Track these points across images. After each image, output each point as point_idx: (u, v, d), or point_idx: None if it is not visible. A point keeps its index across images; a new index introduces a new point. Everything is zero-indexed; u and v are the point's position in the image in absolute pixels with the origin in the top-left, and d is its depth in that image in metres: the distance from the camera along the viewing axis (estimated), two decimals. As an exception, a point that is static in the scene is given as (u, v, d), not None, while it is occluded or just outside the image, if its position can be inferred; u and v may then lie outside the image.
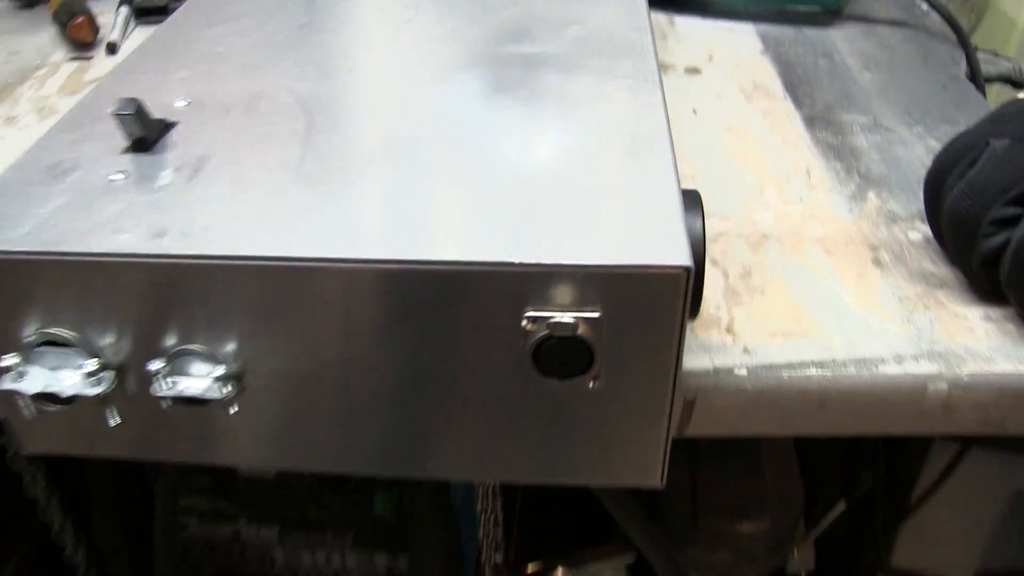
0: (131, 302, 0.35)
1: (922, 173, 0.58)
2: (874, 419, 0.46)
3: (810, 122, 0.64)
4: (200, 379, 0.36)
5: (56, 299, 0.36)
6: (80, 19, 0.79)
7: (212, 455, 0.40)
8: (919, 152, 0.61)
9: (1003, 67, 0.76)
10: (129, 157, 0.40)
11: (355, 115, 0.43)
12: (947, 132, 0.62)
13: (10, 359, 0.37)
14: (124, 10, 0.83)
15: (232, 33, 0.52)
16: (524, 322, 0.34)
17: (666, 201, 0.36)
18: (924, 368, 0.45)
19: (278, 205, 0.36)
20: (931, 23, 0.79)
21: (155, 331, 0.36)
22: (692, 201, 0.39)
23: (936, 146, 0.60)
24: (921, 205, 0.53)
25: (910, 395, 0.45)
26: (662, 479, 0.40)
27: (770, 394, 0.45)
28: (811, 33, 0.76)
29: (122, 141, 0.41)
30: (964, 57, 0.73)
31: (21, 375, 0.37)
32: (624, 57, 0.47)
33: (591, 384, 0.36)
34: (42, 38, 0.82)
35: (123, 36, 0.81)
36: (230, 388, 0.36)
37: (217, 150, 0.40)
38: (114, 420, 0.38)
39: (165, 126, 0.42)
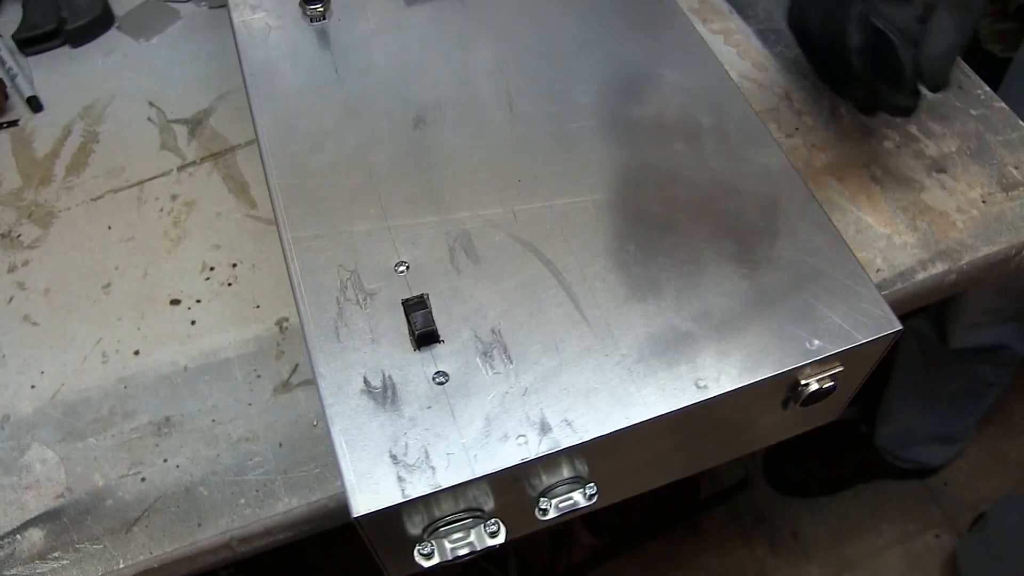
0: (525, 476, 0.44)
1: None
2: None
3: (763, 36, 0.75)
4: (574, 496, 0.47)
5: (467, 497, 0.44)
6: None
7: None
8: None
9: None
10: (427, 354, 0.45)
11: (585, 234, 0.50)
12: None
13: (425, 548, 0.45)
14: (6, 53, 0.72)
15: (352, 155, 0.53)
16: (800, 387, 0.47)
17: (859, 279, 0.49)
18: (939, 268, 0.64)
19: (605, 382, 0.45)
20: None
21: (539, 482, 0.46)
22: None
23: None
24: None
25: (936, 290, 0.64)
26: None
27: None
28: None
29: (391, 334, 0.46)
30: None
31: (430, 555, 0.46)
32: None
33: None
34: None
35: (32, 84, 0.72)
36: (595, 496, 0.47)
37: (496, 322, 0.46)
38: (502, 539, 0.47)
39: (424, 307, 0.47)
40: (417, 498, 0.41)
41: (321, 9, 0.60)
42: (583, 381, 0.44)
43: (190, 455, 0.55)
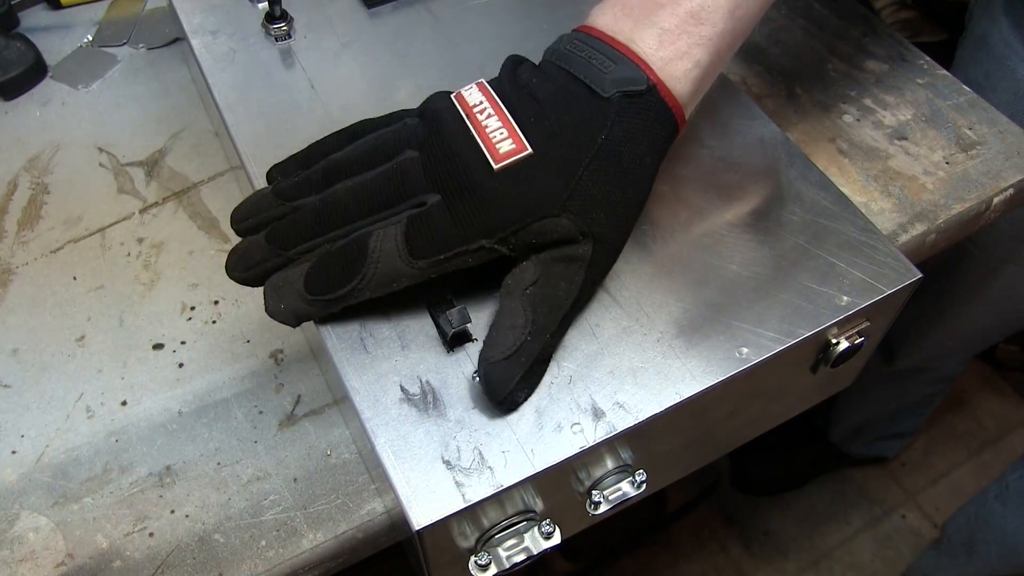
0: (577, 468, 0.43)
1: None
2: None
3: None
4: (623, 486, 0.45)
5: (518, 500, 0.42)
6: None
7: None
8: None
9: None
10: (461, 354, 0.43)
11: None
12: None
13: (482, 558, 0.43)
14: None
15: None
16: (831, 347, 0.47)
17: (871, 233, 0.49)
18: (919, 229, 0.65)
19: (648, 360, 0.44)
20: None
21: (588, 475, 0.44)
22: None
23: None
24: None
25: (918, 251, 0.66)
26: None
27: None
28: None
29: (421, 339, 0.44)
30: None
31: (487, 566, 0.43)
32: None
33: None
34: None
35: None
36: (645, 483, 0.46)
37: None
38: (558, 540, 0.45)
39: (452, 306, 0.45)
40: (479, 501, 0.39)
41: (285, 28, 0.58)
42: (626, 362, 0.43)
43: (199, 503, 0.51)
